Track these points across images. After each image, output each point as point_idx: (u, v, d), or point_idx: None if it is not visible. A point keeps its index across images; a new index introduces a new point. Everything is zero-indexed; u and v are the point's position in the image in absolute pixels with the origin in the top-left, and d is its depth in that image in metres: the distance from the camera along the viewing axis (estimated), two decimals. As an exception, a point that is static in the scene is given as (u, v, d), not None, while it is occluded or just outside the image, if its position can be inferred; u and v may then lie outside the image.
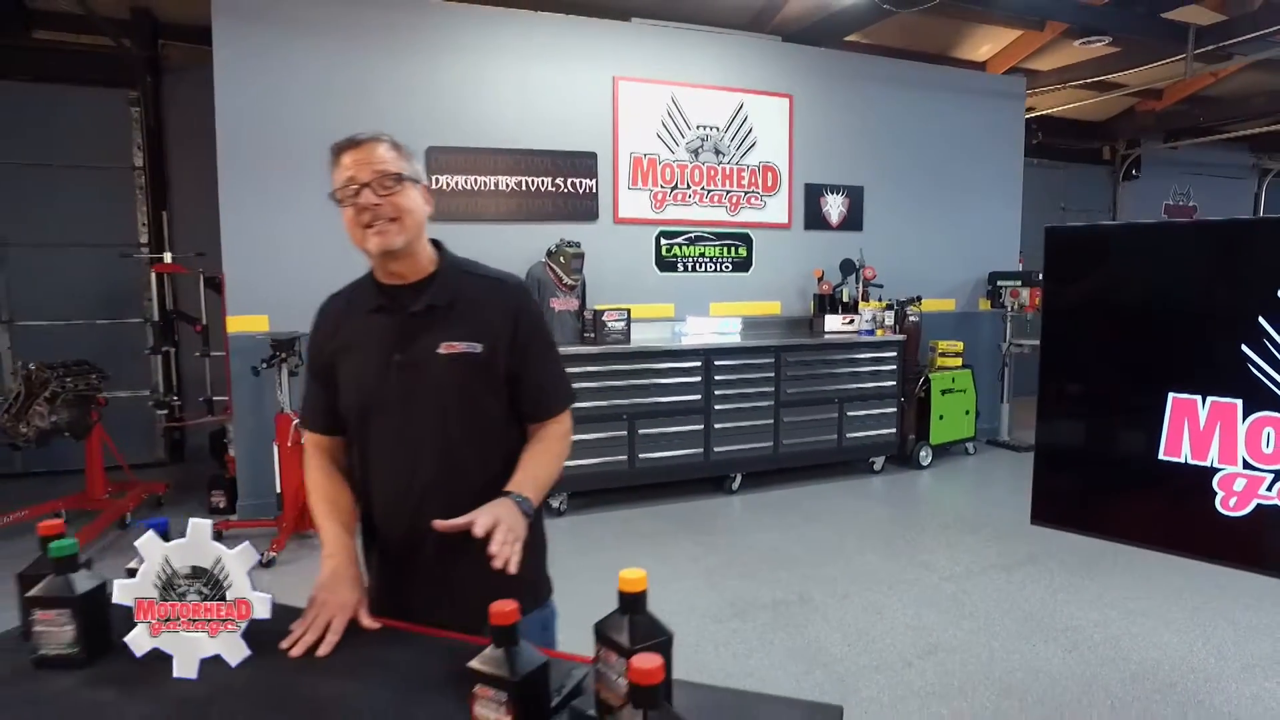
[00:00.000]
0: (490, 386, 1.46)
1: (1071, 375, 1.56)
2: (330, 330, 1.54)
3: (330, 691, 1.22)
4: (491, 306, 1.48)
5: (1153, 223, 1.66)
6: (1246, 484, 1.33)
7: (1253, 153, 10.71)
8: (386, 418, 1.45)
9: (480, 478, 1.43)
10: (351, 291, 1.56)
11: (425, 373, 1.42)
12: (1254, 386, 1.31)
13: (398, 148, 1.44)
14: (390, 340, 1.44)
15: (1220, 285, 1.37)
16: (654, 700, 0.87)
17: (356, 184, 1.38)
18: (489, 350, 1.44)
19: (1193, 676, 2.98)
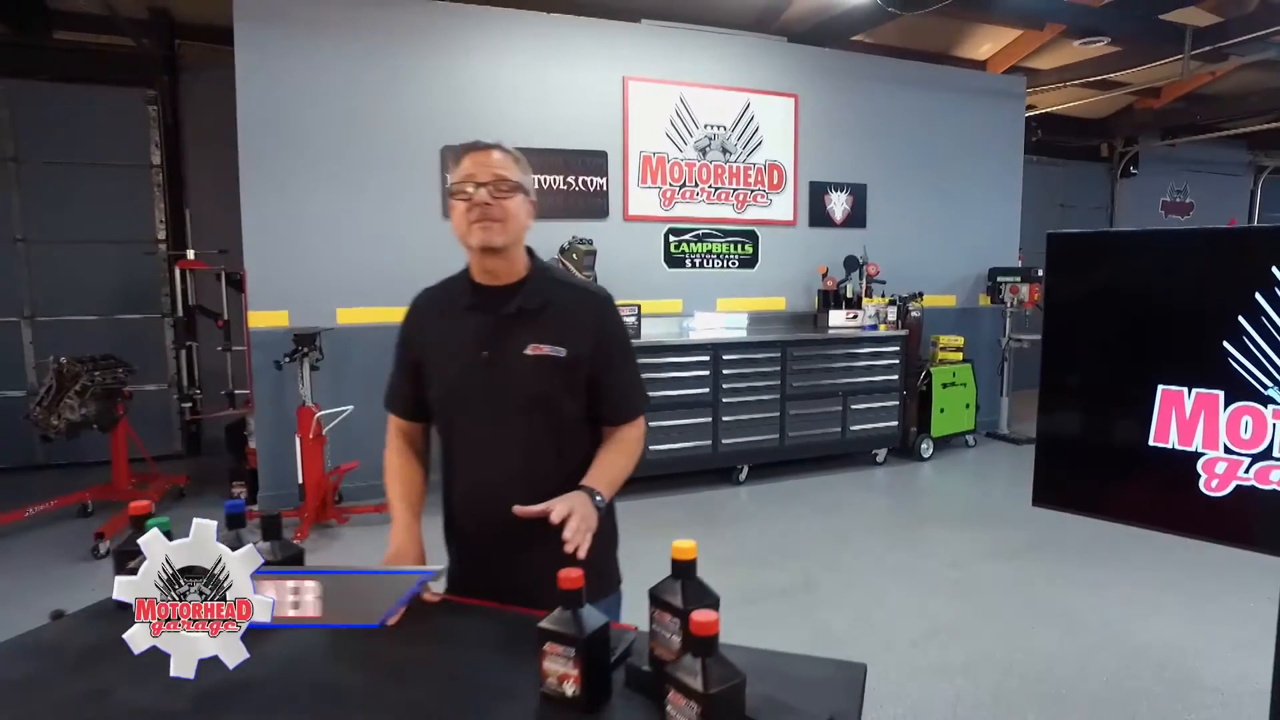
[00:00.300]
0: (570, 389, 1.55)
1: (1071, 369, 1.70)
2: (421, 324, 1.67)
3: (406, 654, 1.35)
4: (578, 314, 1.57)
5: (1145, 230, 1.79)
6: (1227, 467, 1.47)
7: (1249, 150, 10.83)
8: (472, 411, 1.56)
9: (557, 473, 1.52)
10: (445, 288, 1.68)
11: (510, 371, 1.52)
12: (1234, 379, 1.44)
13: (516, 158, 1.55)
14: (481, 338, 1.53)
15: (1205, 287, 1.51)
16: (711, 649, 1.00)
17: (474, 182, 1.48)
18: (572, 355, 1.53)
19: (1183, 656, 3.13)
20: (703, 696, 0.98)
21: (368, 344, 5.07)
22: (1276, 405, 1.41)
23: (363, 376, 5.05)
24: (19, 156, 5.81)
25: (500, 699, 1.21)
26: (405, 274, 5.00)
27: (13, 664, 1.38)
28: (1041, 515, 5.23)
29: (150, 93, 6.01)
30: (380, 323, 5.11)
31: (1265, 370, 1.42)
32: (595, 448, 1.60)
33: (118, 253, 6.10)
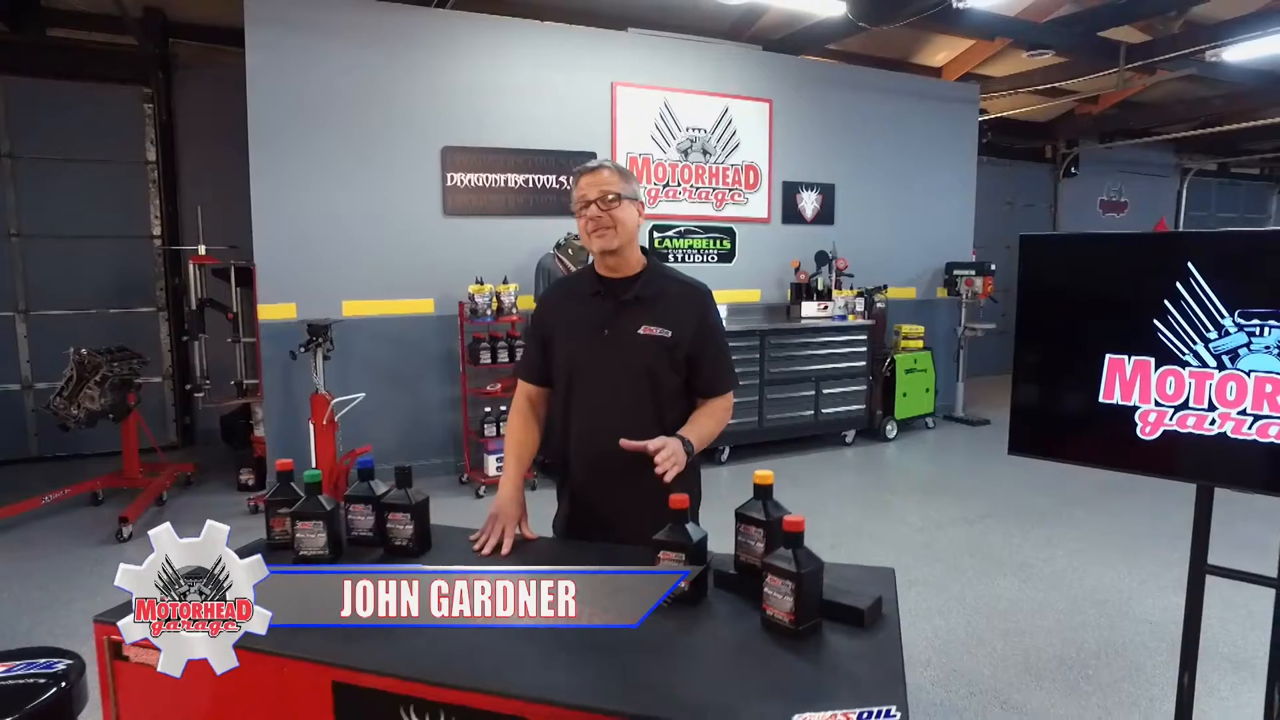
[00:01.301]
0: (672, 364, 1.89)
1: (1038, 343, 2.12)
2: (553, 307, 2.02)
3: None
4: (683, 304, 1.92)
5: (1096, 234, 2.20)
6: (1157, 416, 1.90)
7: (1175, 153, 11.68)
8: (590, 378, 1.90)
9: (656, 431, 1.83)
10: (573, 280, 2.04)
11: (625, 346, 1.86)
12: (1162, 348, 1.87)
13: (620, 172, 1.87)
14: (603, 318, 1.88)
15: (1140, 278, 1.93)
16: (800, 542, 1.38)
17: (587, 200, 1.84)
18: (676, 337, 1.88)
19: (1119, 596, 3.63)
20: (795, 575, 1.36)
21: (373, 335, 5.33)
22: (1192, 367, 1.85)
23: (368, 365, 5.32)
24: (14, 153, 5.87)
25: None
26: (408, 269, 5.37)
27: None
28: (996, 487, 5.82)
29: (146, 90, 6.11)
30: (384, 314, 5.38)
31: (1184, 341, 1.85)
32: (690, 413, 1.94)
33: (112, 248, 6.21)
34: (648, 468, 1.89)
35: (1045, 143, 10.62)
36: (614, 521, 1.92)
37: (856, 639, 1.38)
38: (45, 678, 1.58)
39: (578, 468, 1.97)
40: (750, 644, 1.37)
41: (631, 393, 1.89)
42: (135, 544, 4.38)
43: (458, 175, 5.49)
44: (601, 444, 1.87)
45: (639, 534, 1.84)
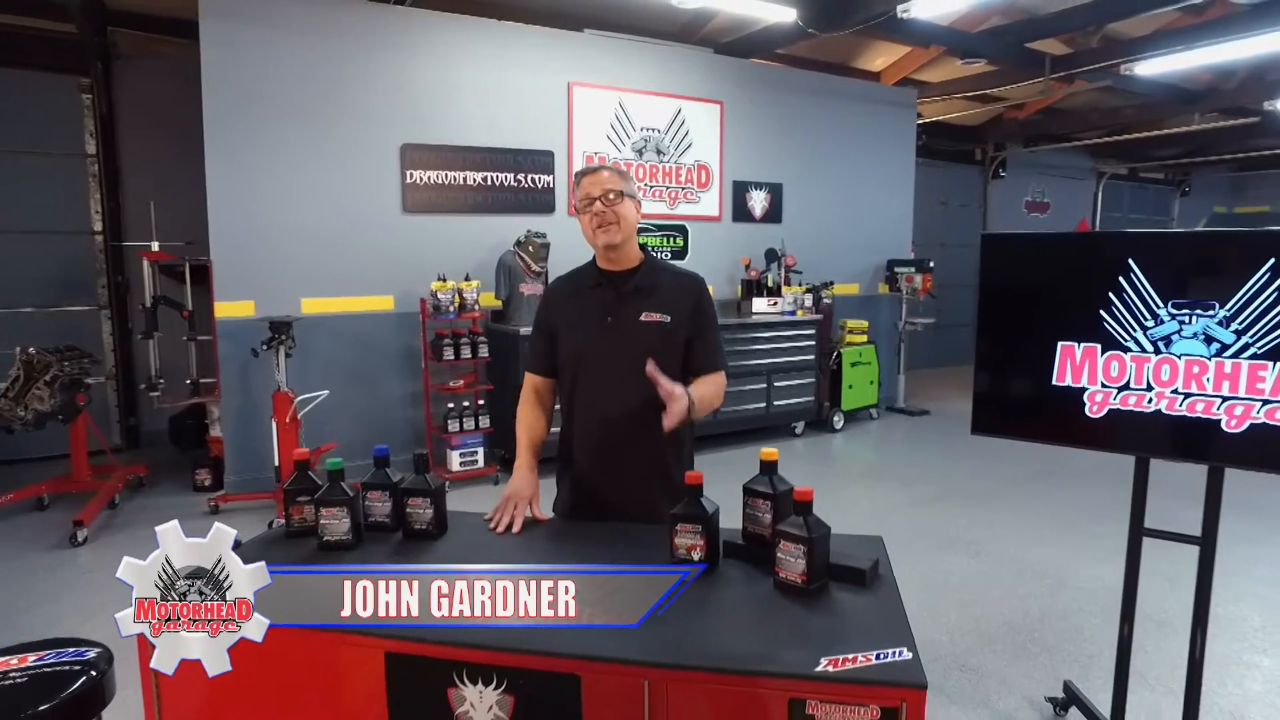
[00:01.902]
0: (671, 347, 2.02)
1: (997, 334, 2.34)
2: (556, 302, 2.12)
3: (560, 546, 1.81)
4: (679, 292, 2.05)
5: (1051, 234, 2.44)
6: (1103, 396, 2.13)
7: (1091, 158, 12.42)
8: (596, 363, 2.02)
9: (657, 412, 1.93)
10: (573, 275, 2.14)
11: (628, 333, 1.99)
12: (1107, 335, 2.11)
13: (620, 172, 2.00)
14: (606, 307, 2.00)
15: (1088, 273, 2.16)
16: (810, 510, 1.53)
17: (591, 198, 1.95)
18: (674, 322, 2.01)
19: (1057, 568, 3.95)
20: (807, 540, 1.51)
21: (333, 332, 5.30)
22: (1133, 352, 2.08)
23: (328, 363, 5.29)
24: (-58, 144, 5.61)
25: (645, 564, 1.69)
26: (368, 266, 5.37)
27: (273, 555, 1.71)
28: (939, 473, 6.16)
29: (84, 80, 5.90)
30: (344, 312, 5.35)
31: (1126, 329, 2.09)
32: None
33: (50, 243, 5.98)
34: (648, 452, 2.02)
35: (975, 146, 11.16)
36: (616, 504, 2.04)
37: (860, 596, 1.54)
38: (79, 665, 1.61)
39: (581, 452, 2.08)
40: (766, 603, 1.52)
41: (635, 375, 1.99)
42: (90, 548, 4.28)
43: (417, 173, 5.50)
44: (606, 427, 2.00)
45: (639, 517, 1.98)
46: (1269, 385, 1.93)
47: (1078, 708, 2.57)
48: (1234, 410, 1.98)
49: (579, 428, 2.08)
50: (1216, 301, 1.98)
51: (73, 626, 3.34)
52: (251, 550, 1.85)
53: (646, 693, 1.28)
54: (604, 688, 1.31)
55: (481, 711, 1.37)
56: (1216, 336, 1.99)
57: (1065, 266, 2.25)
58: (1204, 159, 12.82)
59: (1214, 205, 14.71)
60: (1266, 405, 1.94)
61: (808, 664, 1.27)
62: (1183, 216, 14.40)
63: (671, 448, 2.06)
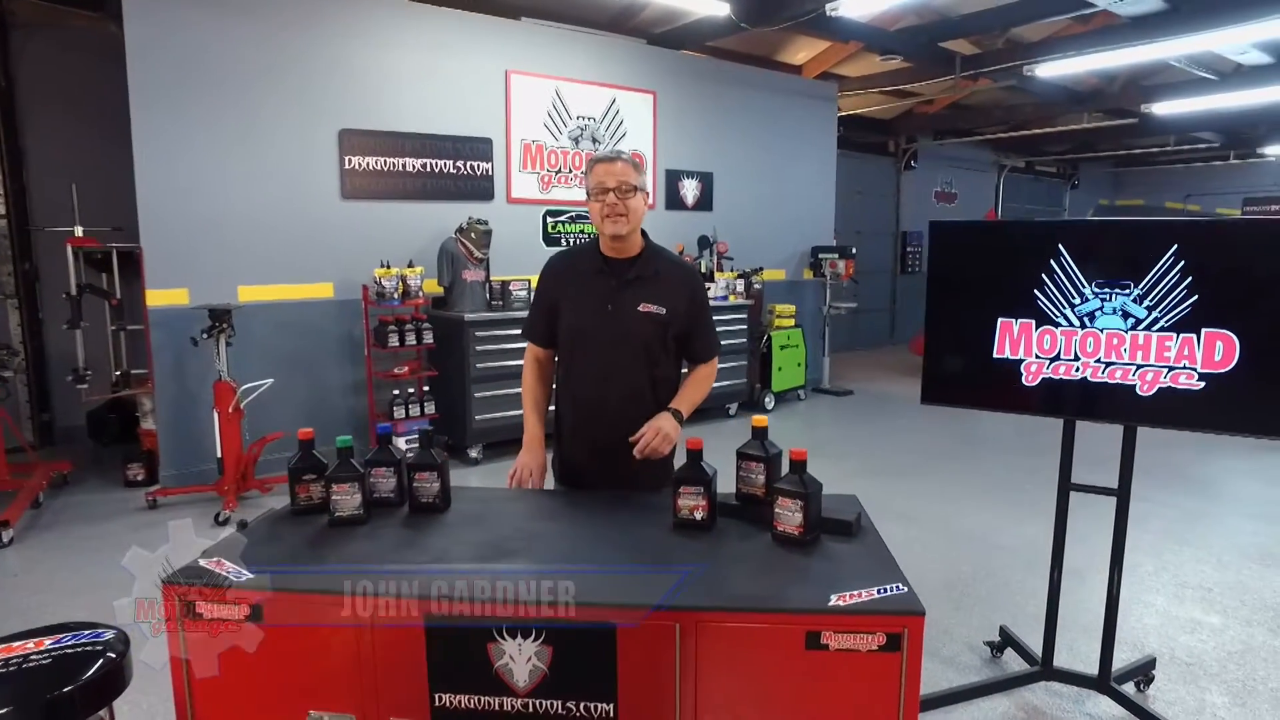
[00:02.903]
0: (665, 340, 2.13)
1: (944, 313, 2.58)
2: (558, 277, 2.20)
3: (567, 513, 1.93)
4: (676, 282, 2.16)
5: (992, 221, 2.71)
6: (1037, 367, 2.40)
7: (994, 152, 13.23)
8: (592, 348, 2.12)
9: (649, 395, 2.12)
10: (575, 254, 2.21)
11: (625, 321, 2.09)
12: (1040, 312, 2.37)
13: (634, 165, 2.07)
14: (606, 295, 2.09)
15: (1023, 256, 2.42)
16: (804, 469, 1.70)
17: (605, 188, 2.02)
18: (670, 313, 2.12)
19: (983, 529, 4.31)
20: (804, 495, 1.68)
21: (271, 320, 5.17)
22: (1063, 327, 2.35)
23: (267, 351, 5.16)
24: None
25: (646, 526, 1.83)
26: (306, 253, 5.29)
27: (284, 533, 1.79)
28: (867, 449, 6.56)
29: (-20, 53, 5.52)
30: (282, 299, 5.23)
31: (1057, 306, 2.35)
32: (678, 378, 2.22)
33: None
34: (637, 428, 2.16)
35: (889, 138, 11.70)
36: (606, 478, 2.16)
37: (849, 544, 1.73)
38: (98, 645, 1.62)
39: (575, 428, 2.20)
40: (768, 554, 1.68)
41: (628, 362, 2.14)
42: (17, 550, 4.08)
43: (356, 158, 5.42)
44: (600, 411, 2.13)
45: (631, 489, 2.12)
46: (1173, 354, 2.23)
47: (1012, 648, 2.88)
48: (1145, 376, 2.28)
49: (574, 405, 2.19)
50: (1132, 281, 2.26)
51: (13, 628, 3.21)
52: (260, 529, 1.89)
53: (678, 635, 1.42)
54: (638, 633, 1.44)
55: (521, 662, 1.47)
56: (1132, 312, 2.27)
57: (1004, 251, 2.51)
58: (1091, 155, 13.86)
59: (1099, 198, 15.90)
60: (1171, 371, 2.24)
61: (820, 600, 1.44)
62: (1073, 207, 15.53)
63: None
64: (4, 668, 1.52)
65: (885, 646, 1.40)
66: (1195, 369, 2.20)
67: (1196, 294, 2.16)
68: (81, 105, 5.73)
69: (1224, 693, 2.75)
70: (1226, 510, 4.68)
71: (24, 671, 1.52)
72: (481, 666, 1.48)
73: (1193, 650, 3.04)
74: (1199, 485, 5.11)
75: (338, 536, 1.80)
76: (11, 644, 1.61)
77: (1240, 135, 11.85)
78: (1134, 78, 9.08)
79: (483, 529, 1.84)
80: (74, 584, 3.62)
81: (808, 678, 1.42)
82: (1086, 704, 2.65)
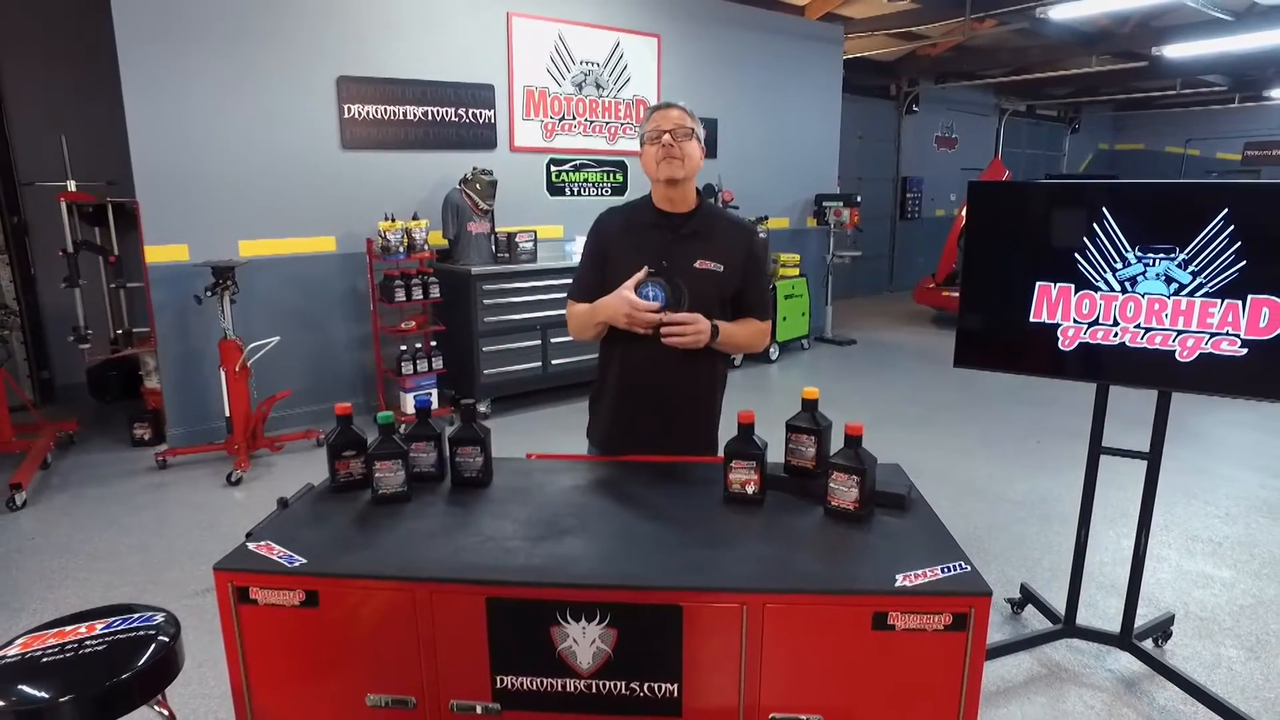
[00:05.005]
0: (721, 297, 2.06)
1: (981, 276, 2.54)
2: (610, 232, 2.10)
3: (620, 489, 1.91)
4: (733, 240, 2.08)
5: (1032, 182, 2.64)
6: (1074, 331, 2.38)
7: (995, 95, 12.99)
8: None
9: (702, 355, 2.05)
10: (628, 210, 2.12)
11: (682, 278, 1.99)
12: (1080, 276, 2.34)
13: (690, 113, 2.00)
14: (661, 250, 2.00)
15: (1064, 218, 2.38)
16: (859, 444, 1.68)
17: (661, 130, 1.94)
18: (727, 271, 2.04)
19: (991, 483, 4.36)
20: (860, 470, 1.67)
21: (274, 276, 5.07)
22: (1102, 291, 2.32)
23: (270, 307, 5.08)
24: None
25: (696, 499, 1.82)
26: (307, 205, 5.14)
27: (327, 512, 1.76)
28: (873, 399, 6.57)
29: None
30: (284, 254, 5.12)
31: (1098, 270, 2.32)
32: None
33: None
34: (693, 394, 2.13)
35: (890, 81, 11.44)
36: (655, 441, 2.12)
37: (904, 519, 1.72)
38: (151, 630, 1.61)
39: (624, 388, 2.13)
40: (824, 530, 1.68)
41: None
42: (31, 512, 4.06)
43: (355, 107, 5.24)
44: (653, 368, 2.05)
45: (677, 452, 2.09)
46: (1216, 319, 2.21)
47: (1033, 605, 2.93)
48: (1186, 342, 2.26)
49: (622, 366, 2.11)
50: (1177, 245, 2.22)
51: (40, 594, 3.22)
52: (302, 509, 1.86)
53: (744, 616, 1.42)
54: (703, 615, 1.43)
55: (584, 645, 1.47)
56: (1175, 277, 2.24)
57: (1044, 214, 2.45)
58: (1092, 99, 13.63)
59: (1099, 143, 15.72)
60: (1213, 337, 2.22)
61: (885, 580, 1.43)
62: (1072, 151, 15.35)
63: (713, 387, 2.16)
64: (60, 654, 1.51)
65: (951, 626, 1.40)
66: (1238, 335, 2.18)
67: (1245, 259, 2.13)
68: (60, 54, 5.48)
69: (1238, 646, 2.82)
70: (1230, 463, 4.74)
71: (81, 658, 1.50)
72: (544, 649, 1.47)
73: (1206, 605, 3.11)
74: (1199, 438, 5.17)
75: (384, 515, 1.77)
76: (64, 628, 1.60)
77: (1247, 78, 11.66)
78: (1146, 18, 8.86)
79: (531, 505, 1.82)
80: (93, 548, 3.61)
81: (872, 657, 1.43)
82: (1107, 660, 2.71)
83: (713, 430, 2.26)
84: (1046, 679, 2.62)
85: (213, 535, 3.71)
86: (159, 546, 3.63)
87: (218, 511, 4.02)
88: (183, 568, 3.42)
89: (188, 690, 2.50)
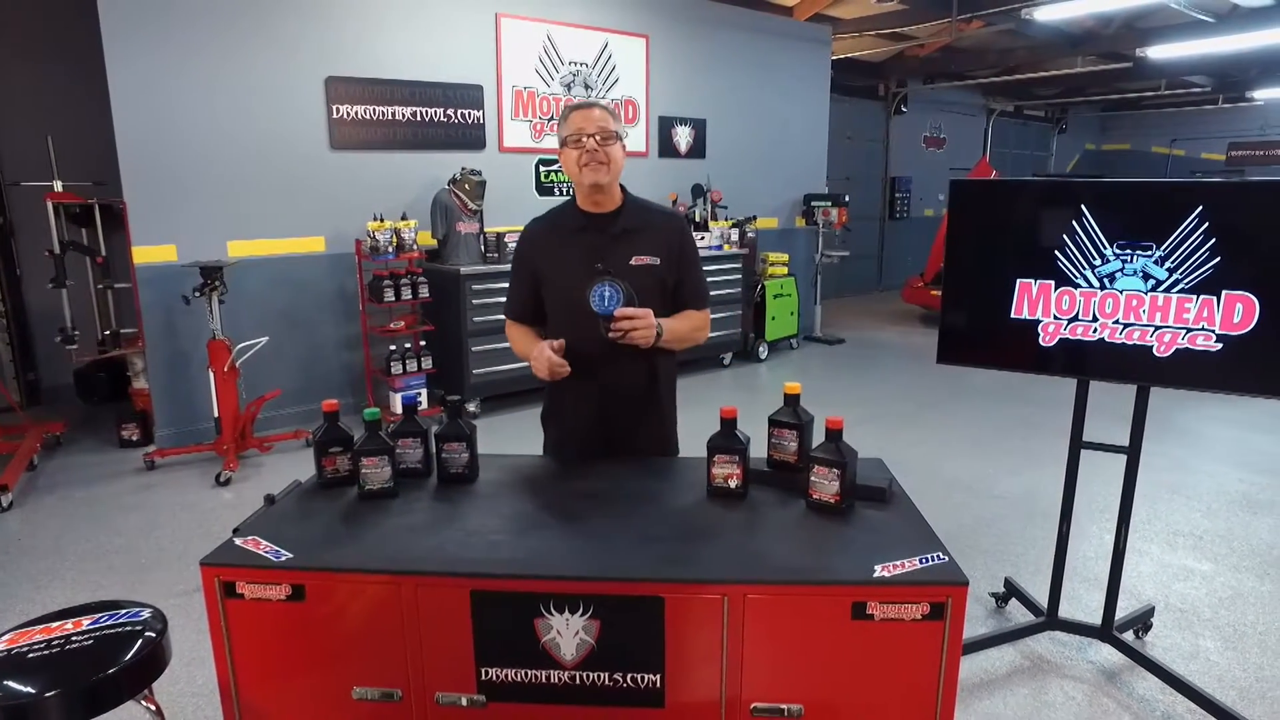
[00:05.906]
0: (662, 291, 2.05)
1: (963, 272, 2.57)
2: (537, 245, 2.08)
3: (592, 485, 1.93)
4: (664, 232, 2.06)
5: (1014, 179, 2.67)
6: (1055, 327, 2.41)
7: (984, 96, 13.07)
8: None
9: (650, 356, 2.04)
10: (552, 217, 2.09)
11: (621, 275, 1.93)
12: (1060, 273, 2.37)
13: (612, 112, 1.97)
14: (594, 252, 1.96)
15: (1044, 216, 2.41)
16: (840, 438, 1.71)
17: (583, 134, 1.91)
18: (664, 263, 2.03)
19: (978, 479, 4.40)
20: (841, 464, 1.69)
21: (262, 276, 5.07)
22: (1082, 288, 2.36)
23: (259, 308, 5.07)
24: None
25: (680, 494, 1.84)
26: (296, 206, 5.15)
27: (314, 508, 1.77)
28: (861, 397, 6.60)
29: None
30: (273, 254, 5.11)
31: (1077, 267, 2.35)
32: None
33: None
34: (645, 395, 2.14)
35: (878, 82, 11.50)
36: (612, 444, 2.12)
37: (884, 512, 1.75)
38: (137, 625, 1.62)
39: (576, 397, 2.10)
40: (805, 522, 1.70)
41: None
42: (18, 513, 4.04)
43: (344, 107, 5.24)
44: (603, 373, 2.04)
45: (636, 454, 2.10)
46: (1192, 315, 2.25)
47: (1017, 598, 2.96)
48: (1163, 338, 2.29)
49: (572, 374, 2.01)
50: (1154, 242, 2.26)
51: (27, 594, 3.21)
52: (289, 505, 1.87)
53: (725, 607, 1.44)
54: (685, 606, 1.45)
55: (568, 636, 1.49)
56: (1153, 274, 2.28)
57: (1025, 211, 2.49)
58: (1079, 99, 13.74)
59: (1086, 143, 15.84)
60: (1189, 333, 2.26)
61: (864, 571, 1.46)
62: (1060, 151, 15.46)
63: (665, 387, 2.16)
64: (46, 649, 1.52)
65: (929, 616, 1.43)
66: (1214, 330, 2.21)
67: (1219, 255, 2.16)
68: (51, 53, 5.46)
69: (1216, 638, 2.86)
70: (1210, 458, 4.80)
71: (66, 654, 1.51)
72: (529, 641, 1.49)
73: (1186, 597, 3.15)
74: (1182, 434, 5.23)
75: (370, 510, 1.79)
76: (50, 624, 1.60)
77: (1231, 79, 11.78)
78: (1130, 19, 8.94)
79: (515, 500, 1.84)
80: (81, 549, 3.60)
81: (852, 646, 1.45)
82: (1089, 652, 2.75)
83: (667, 429, 2.26)
84: (1029, 671, 2.66)
85: (201, 536, 3.70)
86: (147, 547, 3.63)
87: (206, 512, 4.01)
88: (171, 568, 3.41)
89: (175, 689, 2.50)
